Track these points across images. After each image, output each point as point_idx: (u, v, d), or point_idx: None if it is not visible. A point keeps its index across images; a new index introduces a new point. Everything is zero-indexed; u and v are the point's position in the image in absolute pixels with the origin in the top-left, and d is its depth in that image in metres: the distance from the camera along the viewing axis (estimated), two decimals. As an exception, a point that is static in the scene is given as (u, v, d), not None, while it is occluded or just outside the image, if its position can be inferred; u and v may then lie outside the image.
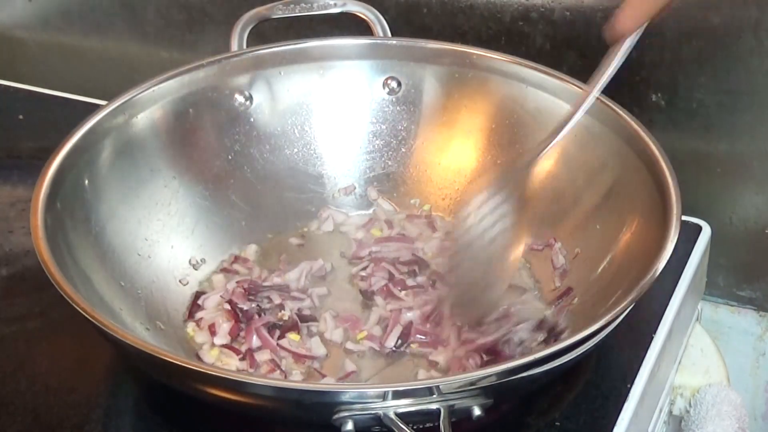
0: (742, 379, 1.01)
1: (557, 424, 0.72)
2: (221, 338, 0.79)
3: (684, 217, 0.92)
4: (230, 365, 0.77)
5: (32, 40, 1.27)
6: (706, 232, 0.91)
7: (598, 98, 0.82)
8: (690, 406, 0.87)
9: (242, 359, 0.77)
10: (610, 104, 0.83)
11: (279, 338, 0.78)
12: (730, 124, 0.93)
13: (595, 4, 0.94)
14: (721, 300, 1.00)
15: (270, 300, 0.81)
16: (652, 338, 0.79)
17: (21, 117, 1.13)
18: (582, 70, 0.93)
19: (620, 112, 0.82)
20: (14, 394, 0.75)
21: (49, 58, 1.27)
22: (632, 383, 0.75)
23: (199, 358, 0.77)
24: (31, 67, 1.29)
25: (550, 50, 0.97)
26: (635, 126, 0.81)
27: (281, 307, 0.80)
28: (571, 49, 0.96)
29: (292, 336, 0.78)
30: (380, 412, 0.61)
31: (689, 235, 0.90)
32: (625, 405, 0.73)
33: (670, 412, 0.88)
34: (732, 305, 1.00)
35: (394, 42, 0.93)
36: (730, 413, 0.85)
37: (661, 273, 0.69)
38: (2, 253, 0.88)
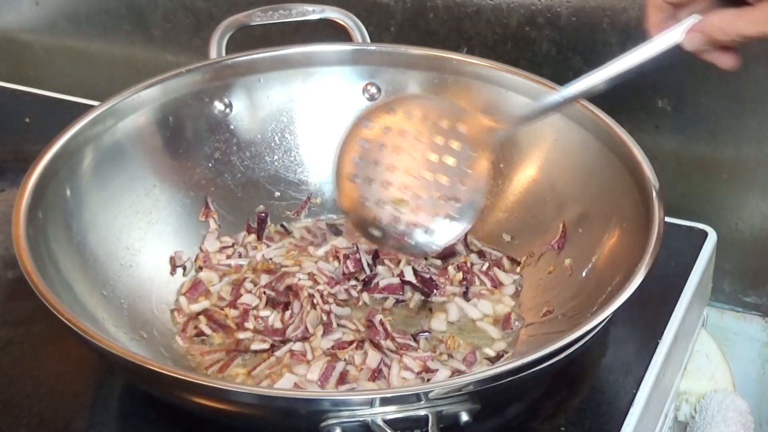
0: (748, 385, 1.01)
1: (562, 429, 0.72)
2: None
3: (690, 223, 0.92)
4: None
5: (39, 43, 1.28)
6: (712, 237, 0.91)
7: (580, 103, 0.82)
8: (695, 411, 0.87)
9: None
10: (592, 109, 0.83)
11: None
12: (737, 130, 0.93)
13: (602, 9, 0.94)
14: (726, 306, 1.00)
15: None
16: (657, 344, 0.79)
17: (27, 120, 1.13)
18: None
19: (602, 116, 0.82)
20: (20, 397, 0.75)
21: (55, 61, 1.28)
22: (638, 389, 0.75)
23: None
24: (37, 70, 1.29)
25: (556, 55, 0.97)
26: (617, 130, 0.81)
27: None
28: (577, 54, 0.96)
29: None
30: (368, 419, 0.61)
31: (695, 240, 0.90)
32: (631, 410, 0.73)
33: (676, 417, 0.88)
34: (738, 311, 1.00)
35: (374, 48, 0.93)
36: (735, 419, 0.84)
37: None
38: (9, 256, 0.88)
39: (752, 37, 0.68)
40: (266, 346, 0.78)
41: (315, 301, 0.81)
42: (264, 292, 0.83)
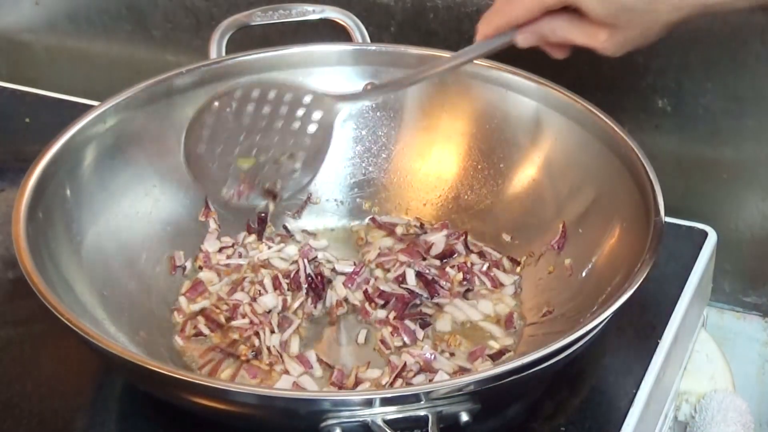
0: (748, 385, 1.01)
1: (563, 429, 0.72)
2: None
3: (690, 223, 0.92)
4: None
5: (39, 43, 1.28)
6: (712, 237, 0.91)
7: (580, 103, 0.82)
8: (695, 411, 0.87)
9: None
10: (592, 109, 0.83)
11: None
12: (737, 130, 0.93)
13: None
14: (726, 306, 1.00)
15: None
16: (657, 344, 0.79)
17: (28, 120, 1.13)
18: (587, 76, 0.93)
19: (602, 116, 0.82)
20: (20, 397, 0.75)
21: (56, 61, 1.28)
22: (638, 389, 0.75)
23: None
24: (38, 70, 1.29)
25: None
26: (617, 130, 0.81)
27: None
28: (574, 55, 0.96)
29: None
30: (368, 419, 0.61)
31: (695, 240, 0.90)
32: (631, 410, 0.73)
33: (676, 417, 0.88)
34: (737, 311, 1.00)
35: (374, 48, 0.93)
36: (735, 419, 0.84)
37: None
38: (9, 256, 0.88)
39: (578, 45, 0.75)
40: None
41: None
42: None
